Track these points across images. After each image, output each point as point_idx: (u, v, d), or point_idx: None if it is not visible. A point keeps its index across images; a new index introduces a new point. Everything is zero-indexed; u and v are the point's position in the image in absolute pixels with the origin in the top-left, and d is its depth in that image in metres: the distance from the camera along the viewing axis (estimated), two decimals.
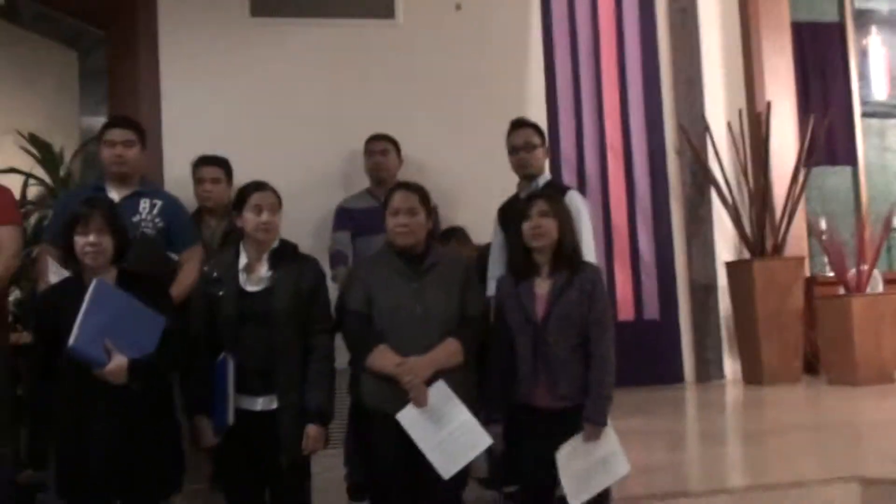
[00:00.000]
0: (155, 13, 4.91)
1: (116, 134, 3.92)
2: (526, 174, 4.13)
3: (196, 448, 3.23)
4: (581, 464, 3.10)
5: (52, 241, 3.80)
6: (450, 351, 3.18)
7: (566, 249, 3.21)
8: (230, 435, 3.12)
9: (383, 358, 3.17)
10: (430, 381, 3.13)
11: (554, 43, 7.01)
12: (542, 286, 3.20)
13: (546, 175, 4.20)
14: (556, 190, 4.01)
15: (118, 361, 2.87)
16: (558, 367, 3.13)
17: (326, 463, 3.84)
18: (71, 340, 2.82)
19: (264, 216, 3.21)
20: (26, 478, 3.79)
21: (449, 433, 3.10)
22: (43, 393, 3.04)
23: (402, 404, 3.12)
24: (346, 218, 4.55)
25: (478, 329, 3.26)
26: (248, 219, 3.23)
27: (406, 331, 3.19)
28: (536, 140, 4.14)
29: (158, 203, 3.91)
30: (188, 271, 3.87)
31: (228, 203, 3.88)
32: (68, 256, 3.07)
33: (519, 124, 4.21)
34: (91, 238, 2.98)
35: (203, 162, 4.31)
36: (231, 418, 3.09)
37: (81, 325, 2.83)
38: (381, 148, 4.58)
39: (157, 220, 3.86)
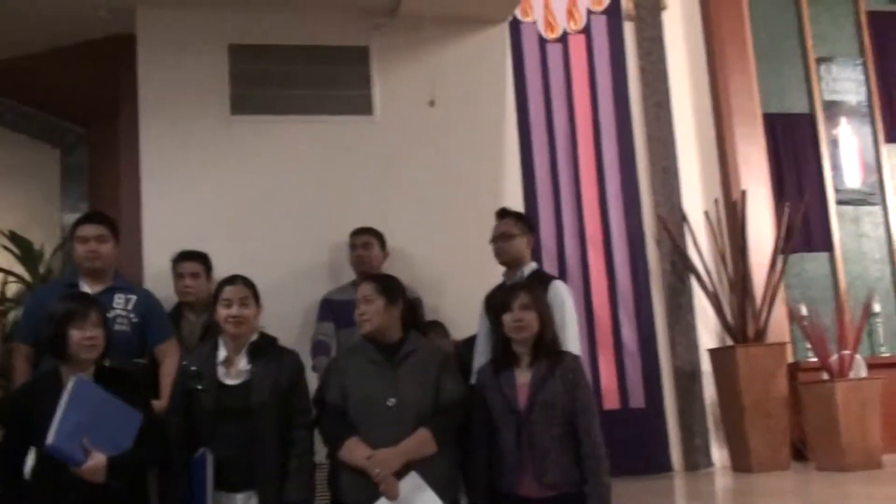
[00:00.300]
0: (135, 112, 4.96)
1: (89, 230, 3.92)
2: (503, 262, 4.17)
3: None
4: None
5: (23, 338, 3.80)
6: (420, 441, 3.15)
7: (546, 341, 3.24)
8: None
9: (354, 451, 3.15)
10: (402, 473, 3.10)
11: (531, 136, 7.11)
12: (524, 376, 3.22)
13: (532, 265, 4.24)
14: (541, 279, 4.04)
15: (96, 460, 2.85)
16: (544, 455, 3.12)
17: None
18: (49, 439, 2.78)
19: (234, 309, 3.23)
20: None
21: None
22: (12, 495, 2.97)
23: (377, 497, 3.08)
24: (328, 309, 4.56)
25: (453, 418, 3.23)
26: (219, 312, 3.26)
27: (379, 422, 3.18)
28: (515, 230, 4.19)
29: (133, 298, 3.90)
30: (168, 367, 3.83)
31: (208, 297, 3.87)
32: (54, 352, 3.03)
33: (501, 214, 4.28)
34: (89, 332, 2.98)
35: (183, 258, 4.34)
36: None
37: (60, 423, 2.81)
38: (363, 241, 4.62)
39: (131, 315, 3.84)
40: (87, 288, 3.86)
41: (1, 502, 3.02)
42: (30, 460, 3.02)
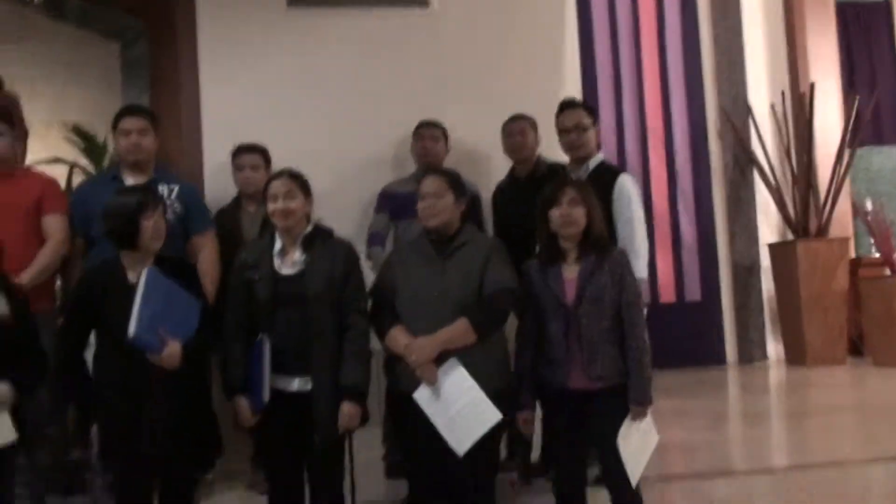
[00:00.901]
0: (193, 4, 4.95)
1: (130, 122, 3.96)
2: (577, 157, 4.09)
3: (236, 428, 3.30)
4: (633, 443, 3.12)
5: (74, 231, 3.90)
6: (458, 330, 3.16)
7: (594, 236, 3.22)
8: (268, 415, 3.18)
9: (397, 339, 3.22)
10: (443, 360, 3.15)
11: (592, 25, 6.99)
12: (571, 271, 3.20)
13: (598, 156, 4.13)
14: (609, 172, 4.00)
15: (173, 347, 2.96)
16: (592, 348, 3.14)
17: (368, 440, 3.90)
18: (131, 330, 2.89)
19: (280, 203, 3.25)
20: (74, 457, 3.90)
21: (458, 410, 3.13)
22: (79, 373, 3.13)
23: (419, 384, 3.16)
24: (385, 201, 4.57)
25: (495, 308, 3.24)
26: (268, 206, 3.31)
27: (423, 312, 3.22)
28: (587, 121, 4.08)
29: (176, 188, 3.96)
30: (208, 259, 3.93)
31: None
32: (123, 243, 3.13)
33: (569, 105, 4.17)
34: (158, 222, 3.11)
35: (242, 150, 4.33)
36: (267, 396, 3.15)
37: (139, 314, 2.91)
38: (430, 134, 4.56)
39: (175, 205, 3.89)
40: (130, 180, 3.91)
41: (64, 389, 3.18)
42: (90, 350, 3.18)
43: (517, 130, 4.43)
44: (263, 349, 3.17)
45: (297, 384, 3.21)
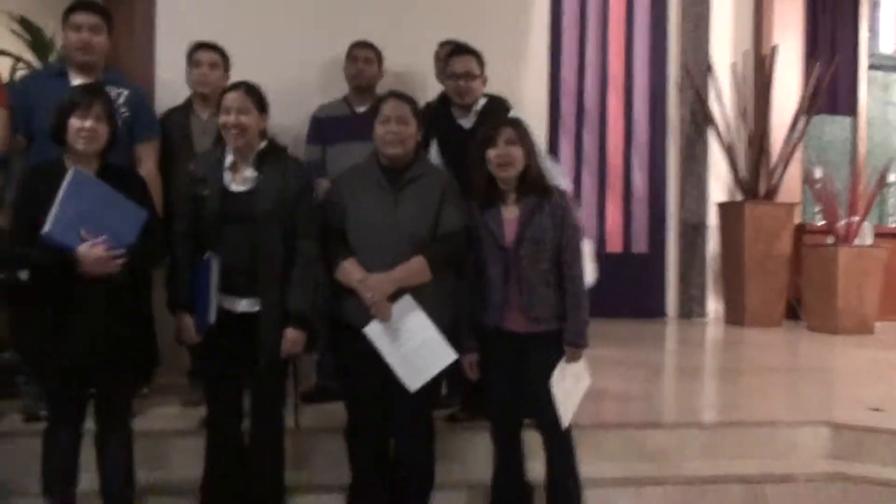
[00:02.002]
0: None
1: (82, 17, 3.74)
2: (463, 104, 3.88)
3: (178, 343, 3.23)
4: (566, 386, 3.13)
5: (13, 127, 3.71)
6: (414, 268, 3.12)
7: (532, 175, 3.18)
8: (211, 334, 3.11)
9: (350, 272, 3.14)
10: (396, 297, 3.11)
11: None
12: (510, 212, 3.18)
13: (481, 99, 3.92)
14: (499, 105, 3.87)
15: (94, 249, 2.84)
16: (531, 290, 3.12)
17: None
18: (46, 227, 2.78)
19: (232, 117, 3.13)
20: (5, 360, 3.78)
21: (413, 347, 3.11)
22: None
23: (370, 318, 3.11)
24: (318, 127, 4.45)
25: (450, 247, 3.18)
26: (221, 119, 3.17)
27: (375, 245, 3.15)
28: (477, 70, 3.87)
29: (125, 92, 3.78)
30: (147, 168, 3.78)
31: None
32: (55, 141, 3.01)
33: (460, 50, 3.97)
34: (88, 124, 2.93)
35: (200, 46, 4.12)
36: (213, 317, 3.07)
37: (57, 212, 2.80)
38: (364, 55, 4.43)
39: (122, 110, 3.69)
40: (76, 79, 3.72)
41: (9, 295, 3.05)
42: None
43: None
44: (211, 267, 3.08)
45: (243, 305, 3.15)
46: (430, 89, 4.47)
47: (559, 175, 3.66)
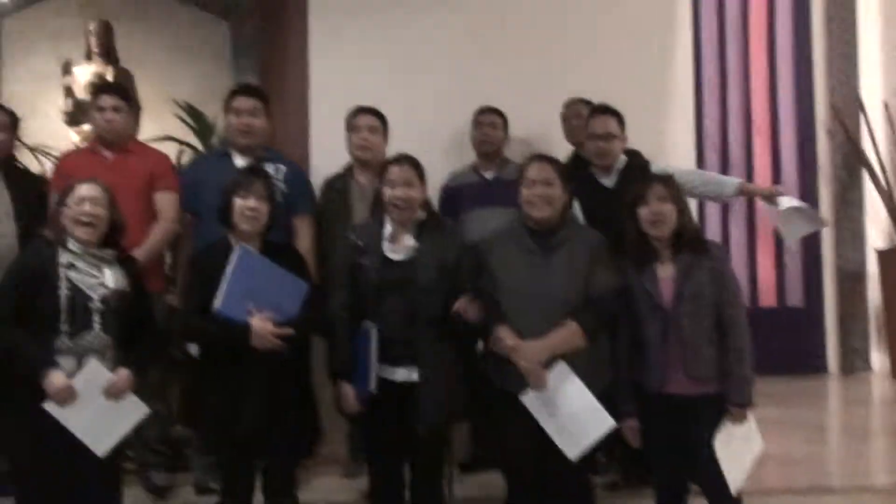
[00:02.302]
0: None
1: (243, 102, 3.97)
2: (603, 165, 3.94)
3: (339, 413, 3.31)
4: (733, 448, 3.03)
5: (184, 206, 3.95)
6: (568, 334, 3.10)
7: (687, 231, 3.14)
8: (372, 403, 3.18)
9: (502, 339, 3.13)
10: (550, 363, 3.09)
11: (701, 15, 6.80)
12: (666, 270, 3.12)
13: (621, 157, 3.98)
14: (637, 161, 3.90)
15: (263, 324, 2.98)
16: (694, 350, 3.06)
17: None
18: (217, 303, 2.93)
19: (398, 191, 3.22)
20: (176, 433, 3.97)
21: (571, 414, 3.07)
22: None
23: (526, 385, 3.10)
24: (449, 199, 4.43)
25: (603, 310, 3.14)
26: (385, 192, 3.26)
27: (527, 311, 3.13)
28: (616, 130, 3.93)
29: (283, 169, 3.93)
30: (305, 245, 3.87)
31: (384, 160, 3.66)
32: (221, 221, 3.19)
33: (601, 110, 4.02)
34: (251, 203, 3.10)
35: (361, 111, 4.15)
36: (374, 386, 3.14)
37: (227, 289, 2.95)
38: (490, 121, 4.43)
39: (280, 185, 3.82)
40: (238, 160, 3.94)
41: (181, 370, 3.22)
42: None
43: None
44: (370, 336, 3.16)
45: (402, 374, 3.20)
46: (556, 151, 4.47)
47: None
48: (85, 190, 3.05)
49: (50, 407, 2.88)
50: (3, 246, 3.74)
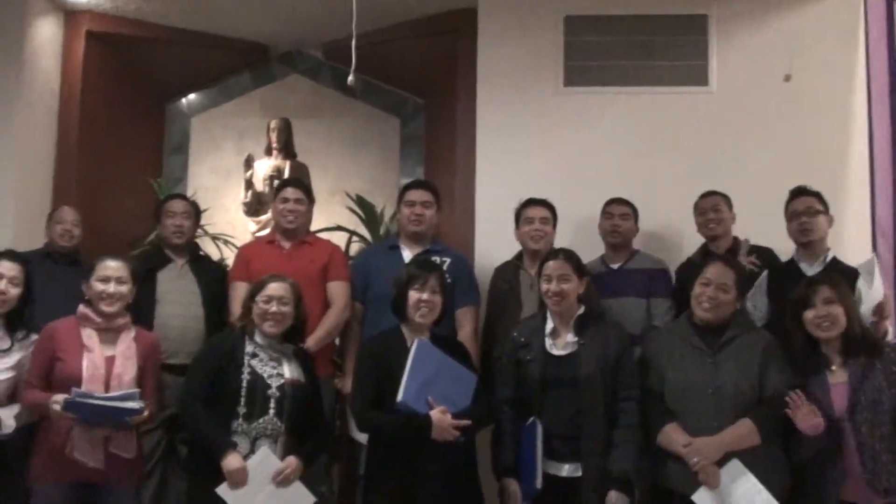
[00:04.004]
0: (471, 83, 5.08)
1: (416, 195, 4.14)
2: (808, 242, 3.79)
3: None
4: None
5: (354, 296, 4.09)
6: (743, 431, 3.03)
7: (856, 335, 3.02)
8: (536, 499, 3.14)
9: (672, 437, 3.09)
10: (723, 461, 3.01)
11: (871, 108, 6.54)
12: (837, 376, 3.01)
13: (830, 251, 3.83)
14: (847, 271, 3.65)
15: (443, 416, 3.02)
16: (874, 459, 2.90)
17: None
18: (399, 395, 2.98)
19: (553, 285, 3.25)
20: None
21: None
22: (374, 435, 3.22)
23: (698, 485, 3.02)
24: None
25: (777, 408, 3.03)
26: (542, 287, 3.31)
27: (697, 409, 3.09)
28: (819, 207, 3.83)
29: (448, 260, 4.01)
30: (468, 336, 3.93)
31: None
32: (395, 312, 3.26)
33: (801, 192, 3.92)
34: (426, 296, 3.17)
35: (533, 202, 4.21)
36: (539, 482, 3.11)
37: (407, 382, 3.00)
38: (621, 212, 4.36)
39: (446, 275, 3.79)
40: (406, 250, 4.09)
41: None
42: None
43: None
44: (535, 432, 3.16)
45: (567, 470, 3.17)
46: (687, 246, 4.45)
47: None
48: (273, 289, 3.26)
49: (223, 491, 3.00)
50: (192, 329, 3.99)
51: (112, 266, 3.35)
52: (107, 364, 3.21)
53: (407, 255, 4.07)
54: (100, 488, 3.21)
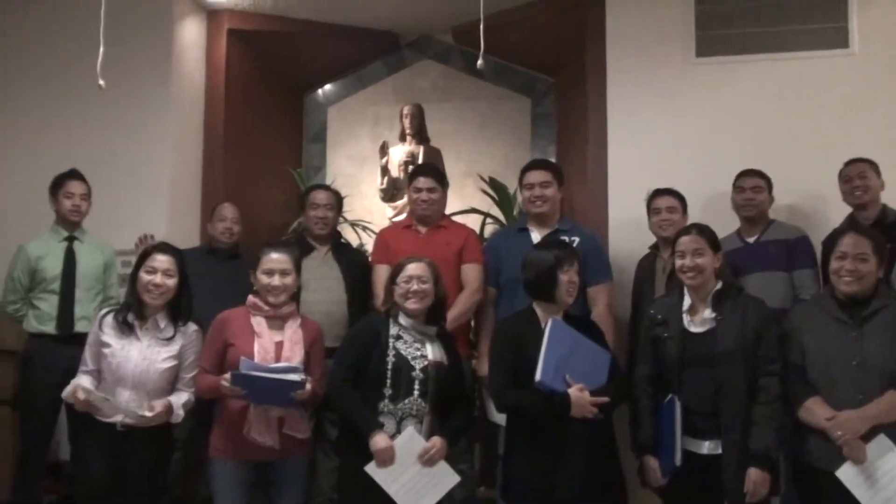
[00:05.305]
0: (601, 58, 5.04)
1: (534, 176, 4.15)
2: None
3: (643, 486, 3.31)
4: None
5: (487, 281, 4.16)
6: (890, 405, 2.94)
7: None
8: (676, 476, 3.16)
9: (815, 411, 3.03)
10: (868, 436, 2.94)
11: None
12: None
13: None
14: None
15: (581, 394, 3.05)
16: None
17: None
18: (537, 375, 3.04)
19: (687, 260, 3.23)
20: (480, 495, 4.12)
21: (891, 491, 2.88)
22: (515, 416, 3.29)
23: (842, 460, 2.95)
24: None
25: None
26: (676, 263, 3.30)
27: (841, 382, 3.02)
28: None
29: (577, 240, 3.99)
30: (603, 312, 3.95)
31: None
32: (541, 295, 3.29)
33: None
34: (572, 278, 3.25)
35: (660, 193, 4.28)
36: (678, 459, 3.12)
37: (545, 360, 3.05)
38: (753, 184, 4.28)
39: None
40: (535, 232, 4.12)
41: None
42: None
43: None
44: (675, 409, 3.16)
45: (707, 447, 3.16)
46: (833, 215, 4.30)
47: None
48: (412, 269, 3.38)
49: (371, 470, 3.14)
50: (337, 313, 4.17)
51: (275, 258, 3.51)
52: (276, 349, 3.40)
53: (536, 236, 4.10)
54: (273, 463, 3.42)
